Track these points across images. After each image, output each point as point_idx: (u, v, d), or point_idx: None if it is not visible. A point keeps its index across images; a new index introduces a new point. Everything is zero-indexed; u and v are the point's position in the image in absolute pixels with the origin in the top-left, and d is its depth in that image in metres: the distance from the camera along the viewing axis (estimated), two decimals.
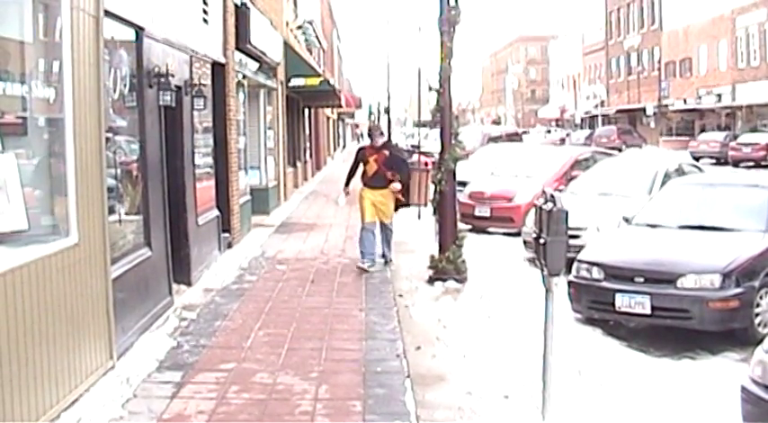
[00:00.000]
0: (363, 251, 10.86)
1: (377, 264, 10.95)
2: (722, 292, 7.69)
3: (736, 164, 35.64)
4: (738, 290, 7.72)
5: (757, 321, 7.82)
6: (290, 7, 24.40)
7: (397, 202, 11.44)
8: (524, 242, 12.40)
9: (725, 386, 5.96)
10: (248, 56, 14.90)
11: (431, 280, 10.10)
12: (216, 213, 11.52)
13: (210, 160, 11.47)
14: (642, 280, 8.00)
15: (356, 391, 5.96)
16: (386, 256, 11.26)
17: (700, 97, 50.40)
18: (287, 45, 20.90)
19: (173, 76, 8.56)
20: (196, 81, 10.17)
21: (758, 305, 7.84)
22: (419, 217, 16.11)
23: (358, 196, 11.22)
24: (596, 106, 65.41)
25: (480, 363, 6.76)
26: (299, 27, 26.95)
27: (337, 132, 61.65)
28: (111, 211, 6.80)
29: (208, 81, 11.03)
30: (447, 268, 10.08)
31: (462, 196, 14.98)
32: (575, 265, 8.56)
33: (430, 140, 25.84)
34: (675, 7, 54.04)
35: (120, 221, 7.32)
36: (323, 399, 5.79)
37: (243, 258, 11.68)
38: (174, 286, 8.90)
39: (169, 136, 8.85)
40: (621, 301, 8.03)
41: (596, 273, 8.37)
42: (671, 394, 6.26)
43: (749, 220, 8.76)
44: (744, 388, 4.78)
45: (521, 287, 9.81)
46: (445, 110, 10.25)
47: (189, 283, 9.60)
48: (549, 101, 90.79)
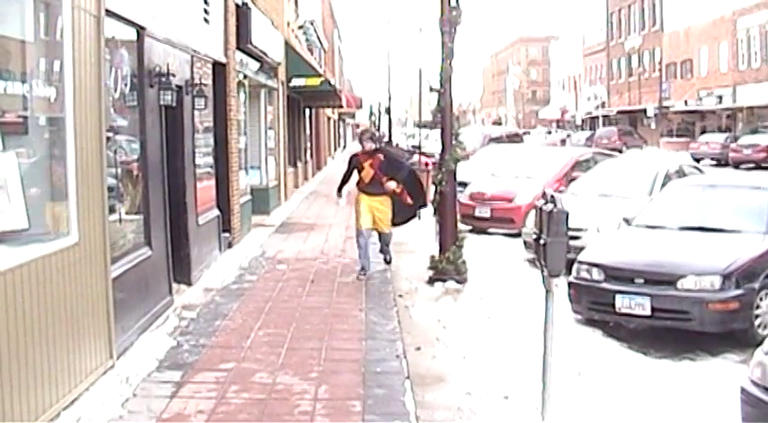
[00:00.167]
0: (362, 258, 10.41)
1: (373, 264, 10.69)
2: (722, 294, 7.69)
3: (736, 165, 35.64)
4: (738, 291, 7.72)
5: (757, 323, 7.82)
6: (291, 7, 24.40)
7: (406, 210, 10.86)
8: (525, 243, 12.40)
9: (725, 387, 5.95)
10: (249, 56, 14.90)
11: (431, 280, 10.10)
12: (216, 213, 11.53)
13: (211, 160, 11.47)
14: (642, 281, 8.00)
15: (356, 391, 5.96)
16: (385, 257, 11.06)
17: (700, 99, 50.40)
18: (288, 45, 20.90)
19: (173, 75, 8.56)
20: (197, 81, 10.17)
21: (758, 307, 7.84)
22: (419, 217, 16.10)
23: (354, 200, 10.77)
24: (597, 107, 65.45)
25: (480, 363, 6.76)
26: (300, 27, 26.96)
27: (338, 133, 61.68)
28: (112, 210, 6.81)
29: (209, 81, 11.03)
30: (447, 269, 10.07)
31: (463, 197, 14.98)
32: (575, 266, 8.56)
33: (431, 141, 25.89)
34: (676, 8, 54.04)
35: (121, 221, 7.32)
36: (322, 399, 5.80)
37: (243, 258, 11.68)
38: (174, 286, 8.90)
39: (170, 136, 8.85)
40: (621, 303, 8.03)
41: (596, 274, 8.37)
42: (671, 395, 6.26)
43: (749, 222, 8.77)
44: (743, 389, 4.78)
45: (521, 288, 9.81)
46: (446, 110, 10.25)
47: (189, 283, 9.60)
48: (550, 102, 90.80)
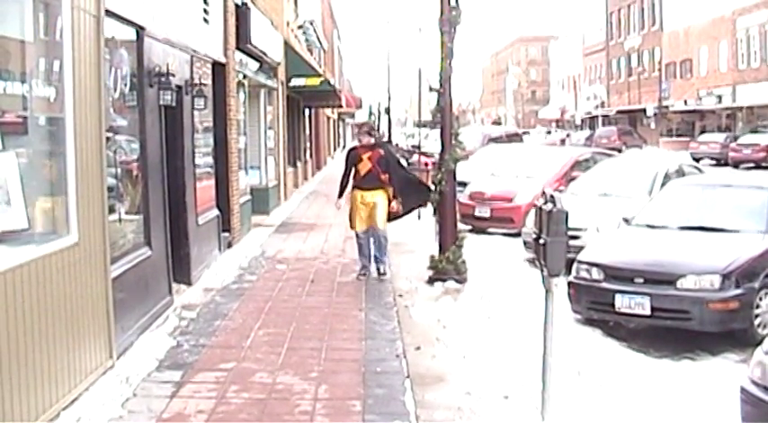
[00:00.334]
0: (362, 258, 10.25)
1: (370, 273, 10.26)
2: (722, 293, 7.69)
3: (736, 165, 35.63)
4: (738, 291, 7.72)
5: (757, 322, 7.81)
6: (291, 7, 24.40)
7: (390, 214, 10.36)
8: (524, 243, 12.39)
9: (724, 387, 5.96)
10: (249, 56, 14.91)
11: (431, 280, 10.10)
12: (216, 213, 11.53)
13: (211, 160, 11.47)
14: (642, 281, 8.00)
15: (356, 390, 5.96)
16: (378, 267, 10.25)
17: (700, 98, 50.42)
18: (287, 45, 20.90)
19: (173, 75, 8.56)
20: (197, 81, 10.17)
21: (758, 306, 7.84)
22: (419, 217, 16.10)
23: (349, 200, 10.38)
24: (596, 107, 65.47)
25: (480, 363, 6.77)
26: (299, 27, 26.95)
27: (338, 132, 61.69)
28: (112, 210, 6.81)
29: (208, 81, 11.03)
30: (447, 269, 10.07)
31: (462, 197, 14.98)
32: (574, 265, 8.56)
33: (430, 141, 25.86)
34: (676, 8, 54.06)
35: (121, 221, 7.33)
36: (322, 398, 5.80)
37: (243, 258, 11.68)
38: (174, 286, 8.90)
39: (169, 135, 8.85)
40: (621, 302, 8.03)
41: (596, 273, 8.37)
42: (671, 395, 6.26)
43: (749, 221, 8.76)
44: (743, 389, 4.78)
45: (521, 288, 9.81)
46: (445, 110, 10.25)
47: (189, 283, 9.60)
48: (550, 101, 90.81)
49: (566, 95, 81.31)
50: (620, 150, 38.05)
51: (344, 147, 62.27)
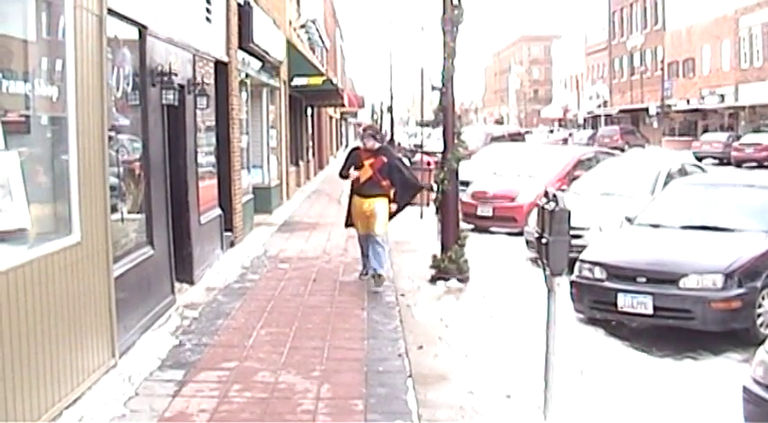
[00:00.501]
0: (363, 257, 10.08)
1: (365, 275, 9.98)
2: (724, 293, 7.68)
3: (738, 164, 35.60)
4: (741, 290, 7.72)
5: (759, 322, 7.81)
6: (293, 6, 24.40)
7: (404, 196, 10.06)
8: (527, 242, 12.40)
9: (727, 386, 5.96)
10: (251, 55, 14.90)
11: (433, 279, 10.10)
12: (218, 212, 11.53)
13: (213, 159, 11.47)
14: (644, 280, 8.00)
15: (358, 390, 5.96)
16: (375, 279, 9.50)
17: (703, 97, 50.34)
18: (290, 44, 20.90)
19: (176, 74, 8.56)
20: (199, 80, 10.17)
21: (760, 305, 7.84)
22: (421, 216, 16.13)
23: (349, 204, 10.09)
24: (599, 106, 65.36)
25: (482, 362, 6.77)
26: (302, 26, 26.94)
27: (340, 132, 61.73)
28: (114, 209, 6.81)
29: (211, 80, 11.04)
30: (449, 268, 10.07)
31: (465, 196, 14.99)
32: (577, 264, 8.56)
33: (433, 140, 25.85)
34: (678, 7, 53.98)
35: (123, 220, 7.33)
36: (325, 398, 5.80)
37: (245, 257, 11.69)
38: (177, 285, 8.91)
39: (172, 135, 8.85)
40: (624, 301, 8.02)
41: (598, 273, 8.37)
42: (673, 394, 6.26)
43: (752, 221, 8.76)
44: (746, 388, 4.79)
45: (523, 287, 9.81)
46: (448, 109, 10.25)
47: (191, 282, 9.61)
48: (552, 101, 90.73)
49: (568, 95, 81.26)
50: (622, 150, 38.00)
51: (347, 146, 62.35)
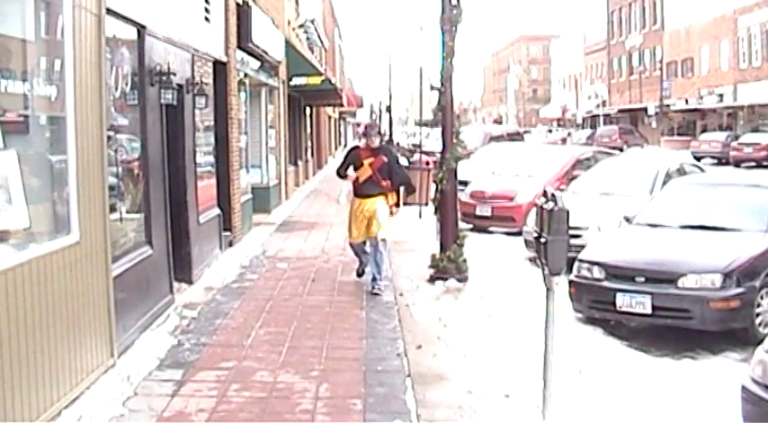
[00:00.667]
0: (360, 255, 9.84)
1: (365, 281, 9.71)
2: (723, 292, 7.69)
3: (737, 164, 35.63)
4: (739, 290, 7.72)
5: (758, 321, 7.81)
6: (292, 6, 24.40)
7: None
8: (525, 241, 12.40)
9: (725, 386, 5.96)
10: (250, 54, 14.90)
11: (432, 279, 10.10)
12: (217, 212, 11.53)
13: (212, 159, 11.47)
14: (643, 279, 8.00)
15: (357, 389, 5.96)
16: (374, 285, 9.32)
17: (701, 97, 50.36)
18: (288, 44, 20.89)
19: (174, 74, 8.56)
20: (198, 79, 10.17)
21: (759, 305, 7.84)
22: (420, 216, 16.13)
23: (349, 207, 9.83)
24: (598, 106, 65.35)
25: (481, 362, 6.77)
26: (300, 26, 26.94)
27: (338, 131, 61.69)
28: (113, 209, 6.81)
29: (209, 79, 11.04)
30: (448, 267, 10.08)
31: (463, 195, 14.98)
32: (576, 264, 8.56)
33: (431, 140, 25.86)
34: (677, 7, 53.99)
35: (122, 220, 7.33)
36: (323, 397, 5.80)
37: (244, 257, 11.69)
38: (175, 284, 8.90)
39: (170, 134, 8.85)
40: (622, 301, 8.03)
41: (597, 272, 8.37)
42: (671, 394, 6.26)
43: (750, 220, 8.77)
44: (744, 388, 4.79)
45: (522, 286, 9.81)
46: (447, 109, 10.25)
47: (190, 282, 9.61)
48: (551, 100, 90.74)
49: (567, 94, 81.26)
50: (621, 149, 37.95)
51: (345, 146, 62.33)
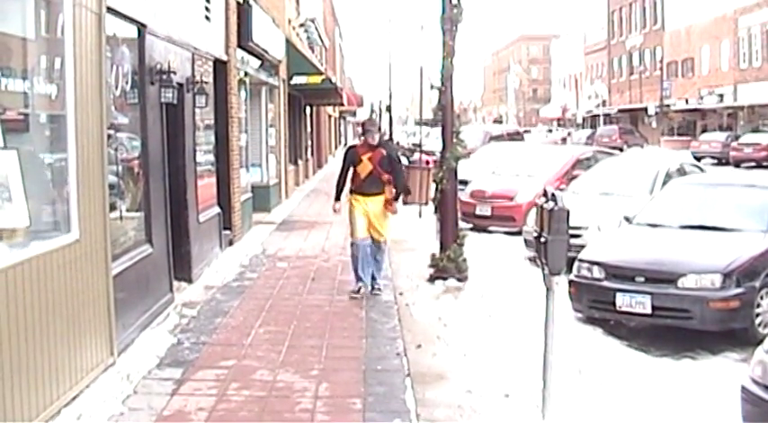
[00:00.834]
0: (358, 272, 9.20)
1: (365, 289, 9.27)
2: (723, 292, 7.69)
3: (737, 164, 35.64)
4: (739, 290, 7.72)
5: (758, 321, 7.82)
6: (293, 5, 24.40)
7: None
8: (525, 241, 12.40)
9: (725, 386, 5.96)
10: (250, 53, 14.90)
11: (431, 278, 10.10)
12: (217, 211, 11.53)
13: (212, 157, 11.47)
14: (643, 279, 8.00)
15: (356, 388, 5.96)
16: (374, 284, 9.29)
17: (701, 97, 50.36)
18: (289, 43, 20.89)
19: (174, 73, 8.56)
20: (198, 78, 10.17)
21: (759, 305, 7.84)
22: (420, 215, 16.13)
23: (348, 206, 9.42)
24: (598, 106, 65.33)
25: (481, 361, 6.77)
26: (301, 25, 26.94)
27: (339, 130, 61.69)
28: (113, 207, 6.81)
29: (209, 78, 11.03)
30: (448, 267, 10.08)
31: (463, 195, 14.98)
32: (575, 264, 8.56)
33: (431, 139, 25.85)
34: (677, 7, 53.99)
35: (122, 218, 7.33)
36: (323, 396, 5.80)
37: (244, 256, 11.69)
38: (175, 283, 8.90)
39: (171, 133, 8.85)
40: (622, 301, 8.03)
41: (597, 272, 8.37)
42: (671, 394, 6.26)
43: (750, 221, 8.77)
44: (744, 388, 4.79)
45: (521, 286, 9.81)
46: (447, 108, 10.25)
47: (190, 281, 9.61)
48: (551, 100, 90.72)
49: (567, 94, 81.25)
50: (621, 149, 37.96)
51: (345, 145, 62.27)
